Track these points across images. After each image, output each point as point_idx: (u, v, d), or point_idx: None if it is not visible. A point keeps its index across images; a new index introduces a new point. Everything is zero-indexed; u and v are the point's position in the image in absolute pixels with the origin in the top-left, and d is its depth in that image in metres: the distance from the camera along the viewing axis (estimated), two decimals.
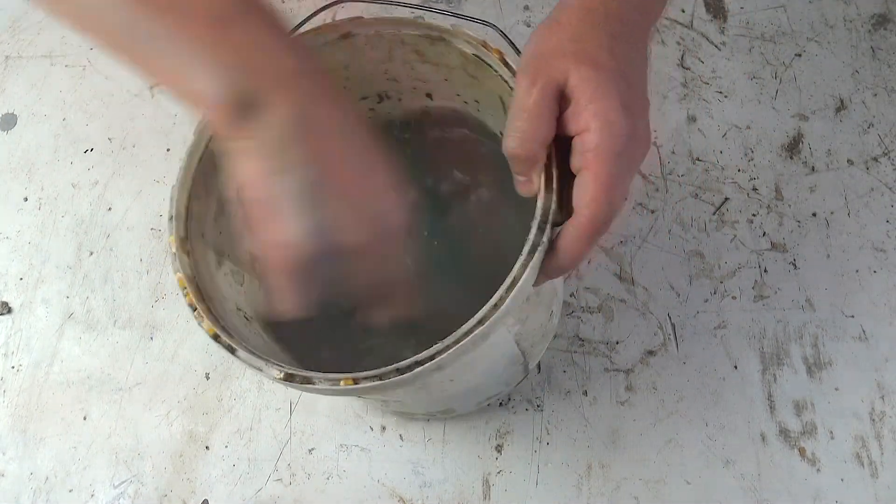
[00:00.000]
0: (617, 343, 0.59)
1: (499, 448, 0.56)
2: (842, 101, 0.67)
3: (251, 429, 0.57)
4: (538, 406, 0.57)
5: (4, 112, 0.69)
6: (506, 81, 0.42)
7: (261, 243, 0.34)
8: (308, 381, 0.37)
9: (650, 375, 0.58)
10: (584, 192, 0.35)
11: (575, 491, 0.55)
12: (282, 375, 0.37)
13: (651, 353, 0.59)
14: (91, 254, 0.63)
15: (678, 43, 0.70)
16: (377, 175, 0.35)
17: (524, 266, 0.37)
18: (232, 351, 0.39)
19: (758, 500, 0.54)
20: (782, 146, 0.66)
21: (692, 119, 0.67)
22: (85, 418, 0.58)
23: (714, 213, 0.63)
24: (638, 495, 0.54)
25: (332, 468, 0.56)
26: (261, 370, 0.38)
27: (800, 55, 0.70)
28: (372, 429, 0.57)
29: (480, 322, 0.37)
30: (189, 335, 0.60)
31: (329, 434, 0.57)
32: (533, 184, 0.38)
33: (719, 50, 0.70)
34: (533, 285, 0.38)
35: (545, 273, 0.38)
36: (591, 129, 0.34)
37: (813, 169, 0.65)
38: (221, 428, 0.57)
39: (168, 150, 0.67)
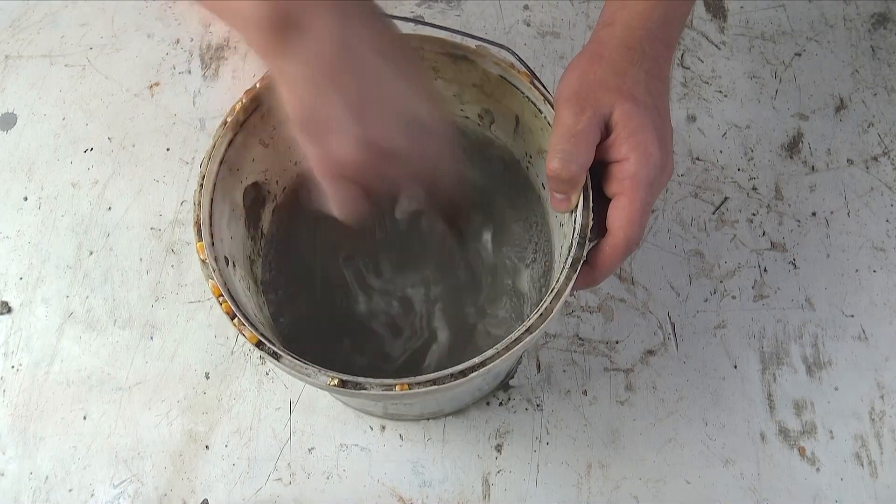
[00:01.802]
0: (617, 342, 0.59)
1: (499, 448, 0.56)
2: (841, 101, 0.68)
3: (251, 428, 0.57)
4: (538, 406, 0.57)
5: (4, 111, 0.69)
6: (532, 102, 0.45)
7: (319, 159, 0.37)
8: (360, 386, 0.37)
9: (650, 375, 0.58)
10: (621, 215, 0.39)
11: (575, 490, 0.55)
12: (335, 382, 0.37)
13: (651, 352, 0.59)
14: (91, 253, 0.63)
15: (678, 42, 0.70)
16: (418, 84, 0.38)
17: (568, 279, 0.39)
18: (277, 358, 0.38)
19: (757, 499, 0.54)
20: (782, 145, 0.66)
21: (692, 118, 0.67)
22: (85, 418, 0.58)
23: (714, 213, 0.63)
24: (637, 495, 0.55)
25: (331, 468, 0.56)
26: (308, 377, 0.38)
27: (800, 54, 0.70)
28: (372, 428, 0.57)
29: (529, 330, 0.38)
30: (189, 335, 0.60)
31: (329, 433, 0.57)
32: (570, 203, 0.41)
33: (719, 49, 0.70)
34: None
35: (578, 284, 0.40)
36: (630, 158, 0.38)
37: (813, 168, 0.65)
38: (221, 427, 0.57)
39: (168, 149, 0.67)
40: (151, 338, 0.60)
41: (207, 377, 0.59)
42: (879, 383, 0.58)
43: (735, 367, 0.58)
